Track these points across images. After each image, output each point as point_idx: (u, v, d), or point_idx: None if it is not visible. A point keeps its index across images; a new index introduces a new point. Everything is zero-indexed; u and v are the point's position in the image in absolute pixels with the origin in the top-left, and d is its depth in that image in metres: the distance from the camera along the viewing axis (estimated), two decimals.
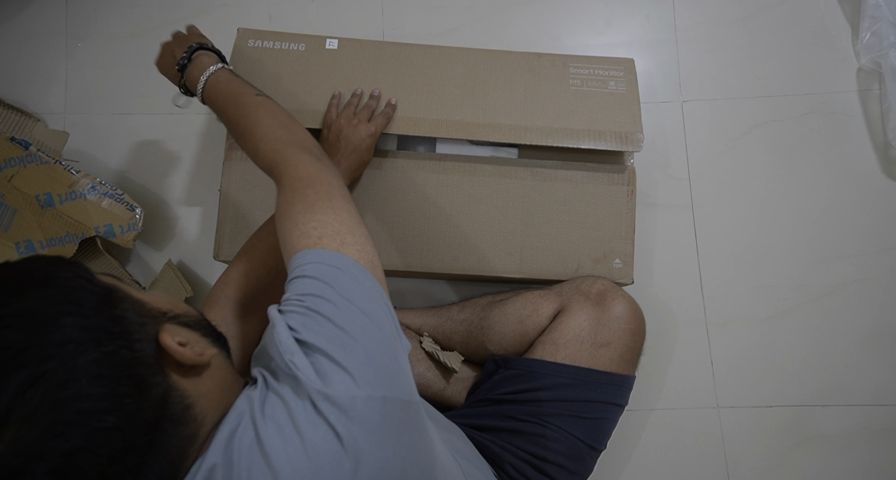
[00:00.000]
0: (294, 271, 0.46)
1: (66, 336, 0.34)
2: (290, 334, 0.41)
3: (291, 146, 0.55)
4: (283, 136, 0.57)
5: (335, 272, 0.44)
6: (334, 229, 0.48)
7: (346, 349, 0.41)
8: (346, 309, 0.43)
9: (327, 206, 0.49)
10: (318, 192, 0.50)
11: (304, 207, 0.49)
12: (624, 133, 0.81)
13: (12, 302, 0.35)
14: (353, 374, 0.40)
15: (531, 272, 0.82)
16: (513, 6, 1.04)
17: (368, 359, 0.41)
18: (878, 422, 0.93)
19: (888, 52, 0.96)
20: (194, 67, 0.67)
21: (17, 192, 0.86)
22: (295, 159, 0.54)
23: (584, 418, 0.67)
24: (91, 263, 0.93)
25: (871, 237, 0.97)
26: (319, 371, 0.39)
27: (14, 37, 1.02)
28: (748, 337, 0.95)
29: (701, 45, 1.03)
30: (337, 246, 0.46)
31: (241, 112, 0.60)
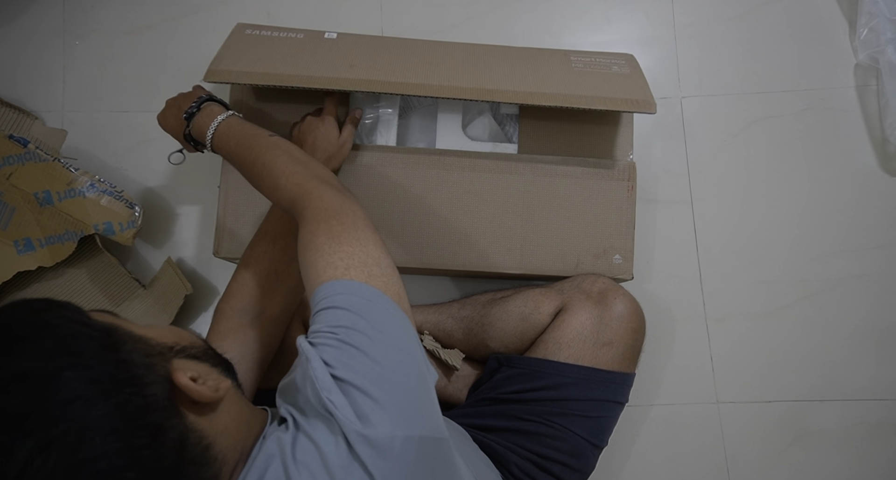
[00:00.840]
0: (321, 302, 0.45)
1: (71, 393, 0.32)
2: (327, 369, 0.40)
3: (312, 179, 0.55)
4: (302, 170, 0.56)
5: (366, 304, 0.44)
6: (360, 260, 0.47)
7: (384, 385, 0.40)
8: (380, 342, 0.42)
9: (353, 237, 0.49)
10: (343, 223, 0.50)
11: (328, 238, 0.48)
12: (634, 99, 0.76)
13: (5, 363, 0.32)
14: (391, 413, 0.39)
15: (531, 268, 0.83)
16: (512, 3, 1.04)
17: (405, 395, 0.41)
18: (875, 417, 0.93)
19: (885, 48, 0.96)
20: (203, 116, 0.66)
21: (15, 190, 0.85)
22: (317, 192, 0.53)
23: (587, 417, 0.68)
24: (90, 260, 0.92)
25: (869, 233, 0.98)
26: (358, 411, 0.38)
27: (12, 35, 1.01)
28: (747, 333, 0.95)
29: (699, 42, 1.03)
30: (364, 278, 0.46)
31: (256, 153, 0.60)
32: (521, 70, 0.80)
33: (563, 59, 0.84)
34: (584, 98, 0.75)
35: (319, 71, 0.74)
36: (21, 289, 0.91)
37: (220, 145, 0.65)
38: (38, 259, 0.87)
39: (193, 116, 0.67)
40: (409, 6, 1.03)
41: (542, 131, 0.86)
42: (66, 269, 0.92)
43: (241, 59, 0.75)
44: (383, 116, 0.86)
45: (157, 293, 0.90)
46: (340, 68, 0.75)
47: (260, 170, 0.59)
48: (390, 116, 0.86)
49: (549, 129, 0.86)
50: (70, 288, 0.92)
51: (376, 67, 0.75)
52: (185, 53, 1.01)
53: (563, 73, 0.80)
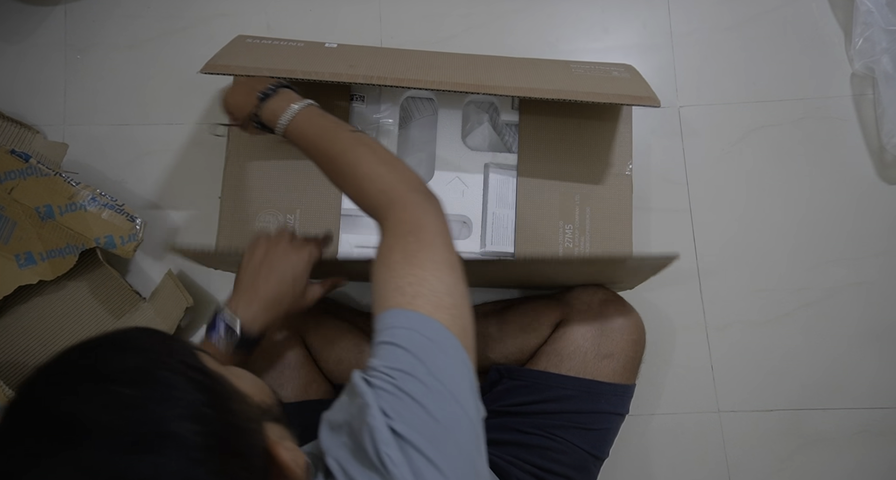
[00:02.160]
0: (384, 332, 0.43)
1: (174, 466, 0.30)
2: (385, 420, 0.38)
3: (399, 185, 0.52)
4: (388, 174, 0.53)
5: (427, 345, 0.42)
6: (431, 287, 0.44)
7: (439, 443, 0.38)
8: (438, 393, 0.40)
9: (428, 258, 0.46)
10: (421, 240, 0.47)
11: (403, 256, 0.46)
12: (637, 94, 0.75)
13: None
14: (446, 474, 0.38)
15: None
16: (510, 13, 1.05)
17: (459, 453, 0.39)
18: (877, 425, 0.93)
19: (881, 58, 0.97)
20: (279, 99, 0.62)
21: (16, 204, 0.86)
22: (401, 202, 0.50)
23: (589, 429, 0.68)
24: (91, 273, 0.93)
25: (868, 240, 0.98)
26: (415, 471, 0.37)
27: (13, 49, 1.02)
28: (748, 341, 0.96)
29: (697, 51, 1.04)
30: (431, 309, 0.43)
31: (338, 148, 0.56)
32: (522, 73, 0.80)
33: (564, 66, 0.85)
34: (586, 93, 0.73)
35: (320, 68, 0.73)
36: (22, 303, 0.92)
37: (295, 134, 0.60)
38: (39, 273, 0.87)
39: (268, 98, 0.62)
40: (407, 18, 1.04)
41: (542, 132, 0.85)
42: (68, 282, 0.92)
43: (239, 57, 0.75)
44: (383, 127, 0.87)
45: (158, 306, 0.90)
46: (341, 68, 0.74)
47: (342, 168, 0.55)
48: (391, 127, 0.86)
49: (549, 128, 0.85)
50: (71, 301, 0.93)
51: (377, 68, 0.75)
52: (186, 66, 1.01)
53: (564, 75, 0.80)
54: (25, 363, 0.90)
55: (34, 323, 0.91)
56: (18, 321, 0.91)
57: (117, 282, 0.91)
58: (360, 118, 0.86)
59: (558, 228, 0.83)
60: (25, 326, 0.91)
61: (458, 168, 0.86)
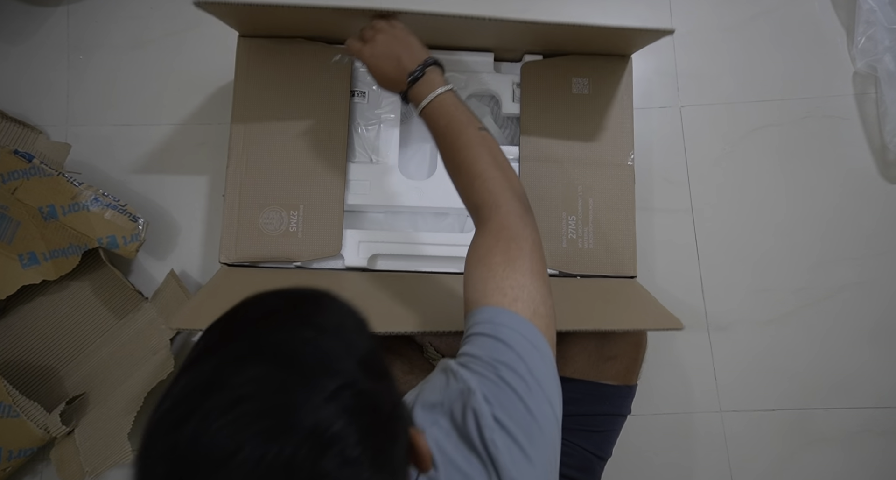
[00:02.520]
0: (483, 325, 0.45)
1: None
2: (488, 407, 0.40)
3: (507, 191, 0.55)
4: (500, 178, 0.56)
5: (528, 346, 0.44)
6: (530, 295, 0.47)
7: (535, 440, 0.40)
8: (536, 393, 0.42)
9: (527, 267, 0.49)
10: (522, 249, 0.50)
11: (504, 260, 0.49)
12: (647, 28, 0.75)
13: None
14: (536, 467, 0.39)
15: None
16: (512, 13, 1.04)
17: (546, 449, 0.41)
18: (880, 425, 0.93)
19: (883, 56, 0.97)
20: (424, 84, 0.63)
21: (20, 204, 0.86)
22: (506, 207, 0.53)
23: (593, 431, 0.68)
24: (94, 273, 0.93)
25: (870, 240, 0.98)
26: (513, 460, 0.39)
27: (17, 50, 1.02)
28: (750, 341, 0.95)
29: (698, 51, 1.04)
30: (529, 315, 0.46)
31: (462, 141, 0.59)
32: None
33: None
34: (597, 26, 0.75)
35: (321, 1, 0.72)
36: (26, 302, 0.92)
37: (430, 117, 0.63)
38: (42, 273, 0.87)
39: (417, 81, 0.64)
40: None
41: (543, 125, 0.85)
42: (70, 282, 0.93)
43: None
44: (385, 122, 0.87)
45: (161, 306, 0.91)
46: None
47: (460, 162, 0.58)
48: (392, 122, 0.87)
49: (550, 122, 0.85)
50: (74, 301, 0.93)
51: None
52: (189, 67, 1.02)
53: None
54: (29, 362, 0.90)
55: (37, 323, 0.92)
56: (22, 321, 0.92)
57: (120, 282, 0.91)
58: (361, 114, 0.87)
59: (562, 219, 0.83)
60: (29, 325, 0.92)
61: None
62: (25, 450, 0.81)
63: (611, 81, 0.87)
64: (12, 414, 0.78)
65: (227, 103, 0.99)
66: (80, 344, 0.92)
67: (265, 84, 0.83)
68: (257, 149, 0.83)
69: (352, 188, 0.84)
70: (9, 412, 0.78)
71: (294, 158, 0.83)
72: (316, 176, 0.83)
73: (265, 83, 0.84)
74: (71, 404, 0.85)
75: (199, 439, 0.28)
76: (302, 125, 0.83)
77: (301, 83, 0.83)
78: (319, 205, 0.83)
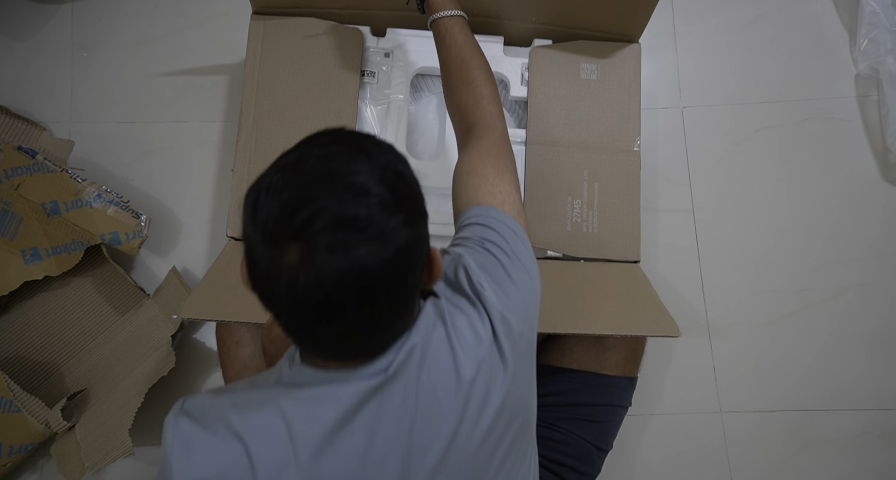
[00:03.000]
0: (475, 217, 0.54)
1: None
2: (476, 265, 0.49)
3: (502, 115, 0.63)
4: (499, 102, 0.63)
5: (511, 233, 0.53)
6: (514, 200, 0.56)
7: (511, 292, 0.49)
8: (515, 263, 0.51)
9: (512, 179, 0.58)
10: (508, 165, 0.59)
11: (494, 171, 0.57)
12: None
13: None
14: (519, 312, 0.48)
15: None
16: None
17: (527, 307, 0.50)
18: (881, 426, 0.93)
19: (885, 59, 0.97)
20: (446, 1, 0.68)
21: (23, 200, 0.86)
22: (495, 122, 0.61)
23: (592, 421, 0.69)
24: (96, 270, 0.93)
25: (872, 241, 0.98)
26: (497, 297, 0.48)
27: (21, 47, 1.03)
28: (750, 342, 0.95)
29: (700, 52, 1.04)
30: (514, 215, 0.55)
31: (476, 62, 0.65)
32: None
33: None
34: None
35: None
36: (28, 298, 0.92)
37: (447, 29, 0.67)
38: (44, 269, 0.88)
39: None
40: None
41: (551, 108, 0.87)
42: (72, 278, 0.93)
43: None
44: (394, 102, 0.88)
45: (162, 303, 0.91)
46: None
47: (469, 80, 0.64)
48: (401, 103, 0.87)
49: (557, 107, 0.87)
50: (76, 297, 0.93)
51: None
52: (192, 65, 1.02)
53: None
54: (30, 357, 0.91)
55: (39, 318, 0.92)
56: (24, 316, 0.92)
57: (122, 278, 0.92)
58: (370, 93, 0.87)
59: (567, 203, 0.84)
60: (31, 321, 0.92)
61: None
62: (26, 445, 0.81)
63: (619, 67, 0.88)
64: (13, 409, 0.78)
65: (231, 101, 1.00)
66: (81, 340, 0.92)
67: (276, 62, 0.84)
68: (267, 124, 0.84)
69: None
70: (10, 407, 0.78)
71: (303, 134, 0.82)
72: None
73: (276, 61, 0.84)
74: (72, 399, 0.85)
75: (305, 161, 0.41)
76: (312, 103, 0.84)
77: (312, 62, 0.84)
78: None
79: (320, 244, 0.37)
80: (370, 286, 0.38)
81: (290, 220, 0.37)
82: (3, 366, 0.85)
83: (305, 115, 0.84)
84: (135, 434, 0.76)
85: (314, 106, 0.84)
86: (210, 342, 0.93)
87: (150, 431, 0.88)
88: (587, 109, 0.86)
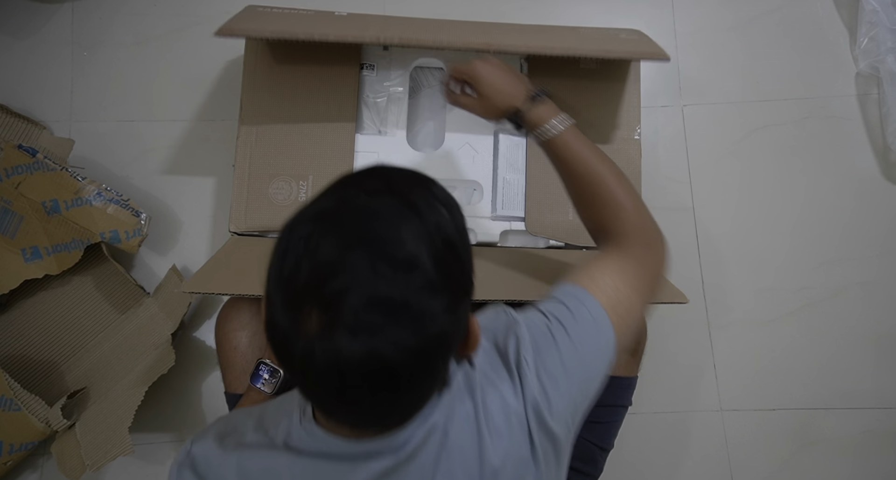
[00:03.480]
0: (557, 290, 0.50)
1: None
2: (530, 338, 0.45)
3: (641, 216, 0.58)
4: (640, 209, 0.59)
5: (589, 320, 0.47)
6: (620, 296, 0.50)
7: (557, 385, 0.44)
8: (578, 355, 0.46)
9: (634, 283, 0.52)
10: (638, 270, 0.53)
11: (616, 269, 0.52)
12: (646, 50, 0.76)
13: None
14: (564, 407, 0.44)
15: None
16: (514, 12, 1.05)
17: (571, 406, 0.45)
18: (881, 425, 0.93)
19: (886, 57, 0.97)
20: (549, 107, 0.62)
21: (23, 199, 0.86)
22: (639, 232, 0.57)
23: (595, 422, 0.68)
24: (96, 268, 0.93)
25: (873, 240, 0.98)
26: (542, 383, 0.43)
27: (21, 46, 1.03)
28: (751, 340, 0.95)
29: (701, 50, 1.04)
30: (606, 306, 0.48)
31: (600, 172, 0.59)
32: (531, 35, 0.81)
33: (572, 30, 0.85)
34: (595, 50, 0.75)
35: (333, 31, 0.74)
36: (28, 296, 0.92)
37: (560, 143, 0.60)
38: (44, 267, 0.88)
39: (537, 101, 0.62)
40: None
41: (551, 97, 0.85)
42: (73, 277, 0.93)
43: (254, 22, 0.77)
44: (393, 95, 0.88)
45: (162, 301, 0.91)
46: (353, 31, 0.76)
47: (601, 187, 0.59)
48: (401, 95, 0.87)
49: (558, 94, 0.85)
50: (76, 296, 0.93)
51: (388, 30, 0.76)
52: (192, 64, 1.02)
53: (572, 36, 0.81)
54: (30, 356, 0.91)
55: (39, 317, 0.92)
56: (24, 315, 0.92)
57: (122, 277, 0.92)
58: (370, 86, 0.87)
59: None
60: (31, 320, 0.92)
61: (468, 134, 0.87)
62: (27, 444, 0.81)
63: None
64: (14, 408, 0.78)
65: (231, 100, 1.00)
66: (81, 339, 0.93)
67: (276, 56, 0.84)
68: (267, 119, 0.84)
69: (360, 159, 0.85)
70: (10, 405, 0.78)
71: (303, 128, 0.84)
72: (325, 147, 0.84)
73: (276, 55, 0.84)
74: (72, 398, 0.85)
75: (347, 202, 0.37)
76: (311, 97, 0.84)
77: (311, 55, 0.84)
78: (329, 175, 0.82)
79: (344, 323, 0.33)
80: (391, 374, 0.34)
81: (320, 288, 0.34)
82: (3, 364, 0.85)
83: (305, 108, 0.84)
84: (134, 432, 0.76)
85: (314, 100, 0.84)
86: (209, 340, 0.93)
87: (149, 429, 0.88)
88: (587, 99, 0.86)
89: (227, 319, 0.70)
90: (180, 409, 0.91)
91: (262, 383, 0.63)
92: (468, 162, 0.86)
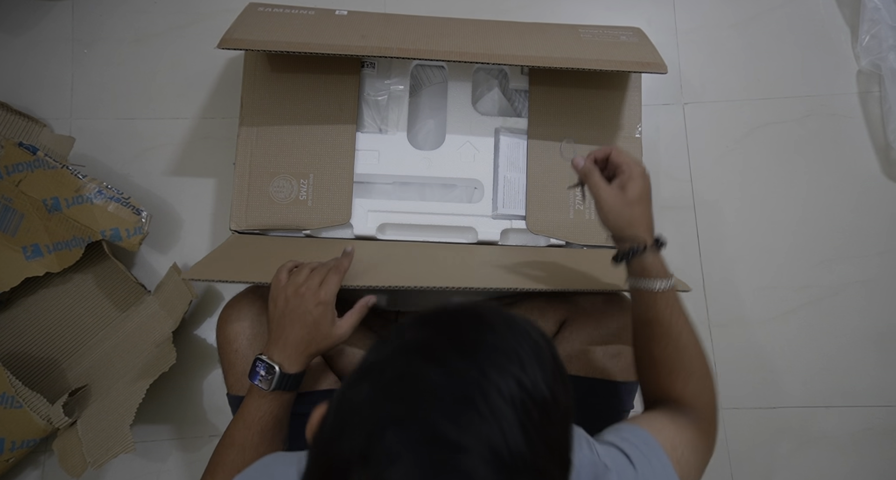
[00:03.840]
0: (622, 430, 0.50)
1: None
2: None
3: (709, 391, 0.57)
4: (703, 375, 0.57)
5: (648, 469, 0.47)
6: (681, 452, 0.50)
7: None
8: None
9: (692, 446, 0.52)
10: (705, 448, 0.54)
11: (691, 438, 0.52)
12: (644, 61, 0.76)
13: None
14: None
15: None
16: (514, 10, 1.05)
17: None
18: (881, 423, 0.93)
19: (887, 55, 0.97)
20: (660, 259, 0.58)
21: (24, 196, 0.86)
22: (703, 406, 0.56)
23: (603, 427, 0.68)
24: (97, 266, 0.93)
25: (873, 238, 0.98)
26: None
27: (21, 43, 1.03)
28: (751, 338, 0.95)
29: (702, 48, 1.04)
30: (671, 455, 0.49)
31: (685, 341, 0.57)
32: (531, 39, 0.81)
33: (572, 30, 0.85)
34: (594, 61, 0.75)
35: (332, 40, 0.75)
36: (29, 294, 0.92)
37: (664, 302, 0.57)
38: (45, 265, 0.88)
39: (659, 247, 0.59)
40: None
41: (552, 97, 0.86)
42: (74, 274, 0.93)
43: (254, 30, 0.77)
44: (394, 93, 0.88)
45: (163, 299, 0.91)
46: (352, 39, 0.76)
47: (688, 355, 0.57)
48: (401, 93, 0.87)
49: (558, 93, 0.86)
50: (77, 293, 0.93)
51: (387, 38, 0.76)
52: (192, 61, 1.02)
53: (572, 41, 0.81)
54: (32, 353, 0.91)
55: (40, 315, 0.92)
56: (25, 313, 0.92)
57: (122, 275, 0.92)
58: (370, 84, 0.87)
59: (568, 191, 0.84)
60: (32, 317, 0.92)
61: (469, 133, 0.87)
62: (28, 441, 0.81)
63: None
64: (15, 405, 0.78)
65: (232, 98, 1.00)
66: (82, 336, 0.93)
67: (276, 54, 0.84)
68: (268, 117, 0.84)
69: (361, 158, 0.85)
70: (12, 403, 0.78)
71: (304, 126, 0.84)
72: (326, 145, 0.84)
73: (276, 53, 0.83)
74: (73, 395, 0.85)
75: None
76: (312, 94, 0.84)
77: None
78: (329, 174, 0.83)
79: None
80: None
81: None
82: (4, 362, 0.85)
83: (305, 107, 0.84)
84: (136, 429, 0.76)
85: (314, 98, 0.84)
86: (210, 338, 0.93)
87: (151, 427, 0.88)
88: (588, 98, 0.86)
89: (228, 320, 0.70)
90: (181, 406, 0.91)
91: (259, 379, 0.62)
92: (469, 160, 0.86)
